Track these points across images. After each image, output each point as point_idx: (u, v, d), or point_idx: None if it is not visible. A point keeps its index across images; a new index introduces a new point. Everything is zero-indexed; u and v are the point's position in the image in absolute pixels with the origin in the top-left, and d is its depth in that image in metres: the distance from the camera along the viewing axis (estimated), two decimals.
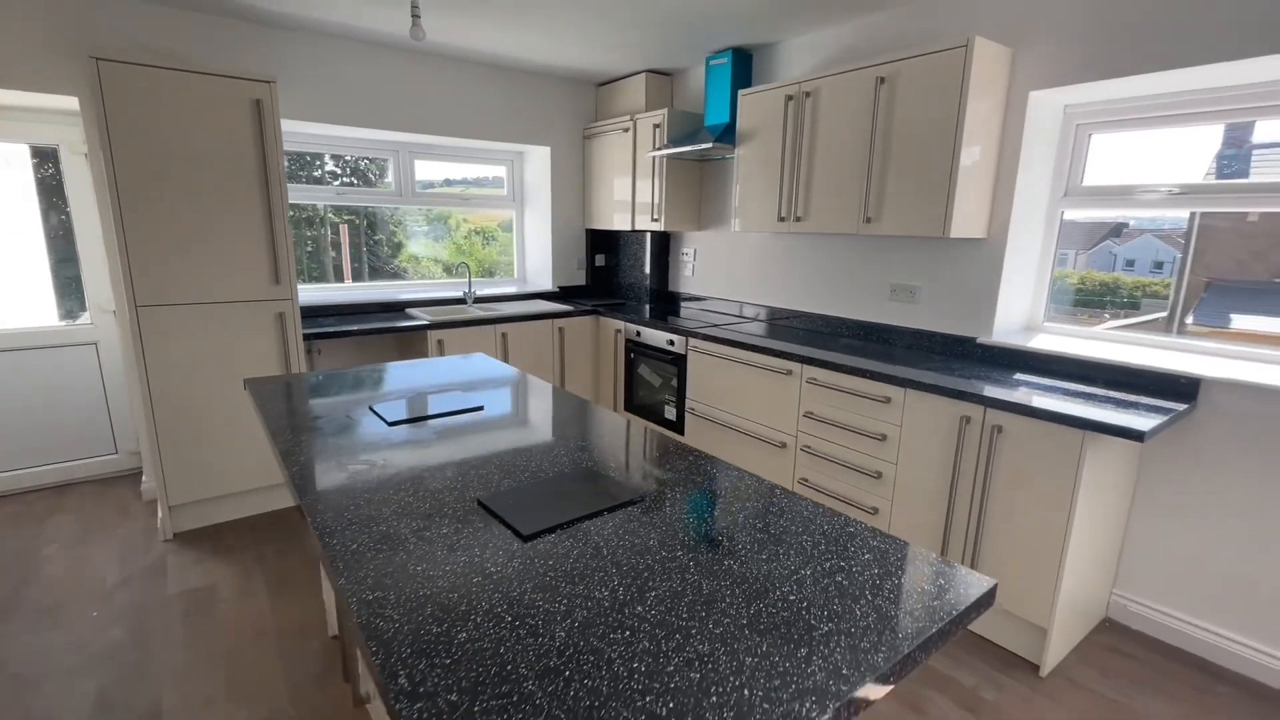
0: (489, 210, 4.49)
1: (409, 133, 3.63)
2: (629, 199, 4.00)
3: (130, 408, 3.34)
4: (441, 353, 3.41)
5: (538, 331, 3.78)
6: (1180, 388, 2.12)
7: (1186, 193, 2.27)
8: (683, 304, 4.19)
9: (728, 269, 3.84)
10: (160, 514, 2.76)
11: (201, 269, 2.66)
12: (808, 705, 0.71)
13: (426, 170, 4.11)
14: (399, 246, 4.16)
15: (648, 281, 4.28)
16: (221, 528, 2.89)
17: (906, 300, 2.89)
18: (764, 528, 1.13)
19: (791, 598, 0.92)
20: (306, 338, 3.00)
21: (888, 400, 2.38)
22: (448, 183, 4.24)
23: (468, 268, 4.11)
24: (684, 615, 0.87)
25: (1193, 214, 2.42)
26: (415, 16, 2.17)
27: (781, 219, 3.01)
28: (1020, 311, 2.69)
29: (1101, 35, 2.20)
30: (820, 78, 2.75)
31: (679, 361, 3.38)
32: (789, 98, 2.89)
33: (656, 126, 3.67)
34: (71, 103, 2.80)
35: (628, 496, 1.24)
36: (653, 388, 3.66)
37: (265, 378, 2.07)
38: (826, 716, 0.70)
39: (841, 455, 2.57)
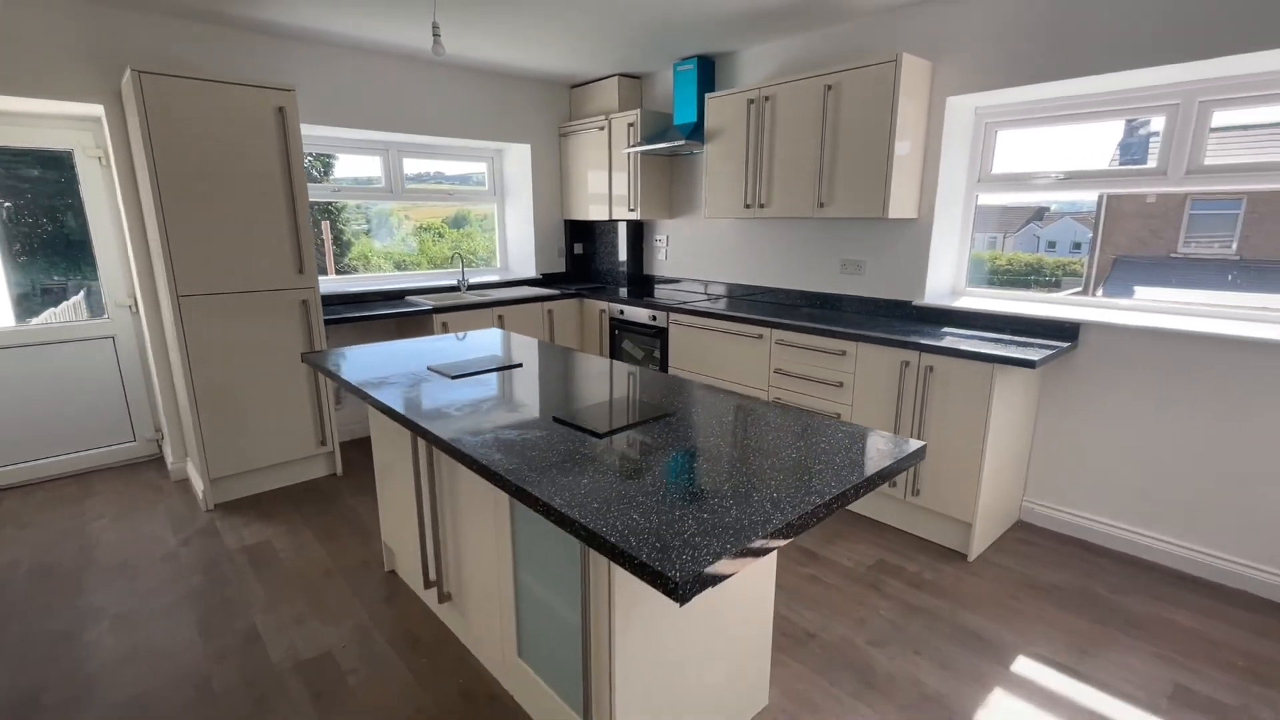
0: (472, 205, 4.81)
1: (400, 133, 3.93)
2: (605, 191, 4.41)
3: (156, 395, 3.55)
4: (446, 333, 3.75)
5: (529, 313, 4.16)
6: (1065, 331, 2.70)
7: (1073, 178, 2.85)
8: (657, 286, 4.63)
9: (697, 253, 4.30)
10: (201, 487, 3.03)
11: (234, 262, 2.94)
12: (811, 498, 1.17)
13: (412, 167, 4.40)
14: (348, 245, 4.35)
15: (625, 266, 4.70)
16: (259, 498, 3.17)
17: (854, 273, 3.42)
18: (766, 422, 1.59)
19: (794, 455, 1.38)
20: (327, 322, 3.30)
21: (844, 353, 2.89)
22: (422, 178, 4.54)
23: (461, 258, 4.44)
24: (728, 466, 1.31)
25: (1101, 197, 2.98)
26: (436, 36, 2.52)
27: (747, 206, 3.48)
28: (946, 278, 3.25)
29: (1004, 53, 2.75)
30: (777, 84, 3.22)
31: (661, 334, 3.83)
32: (750, 101, 3.36)
33: (630, 125, 4.09)
34: (84, 109, 3.02)
35: (663, 410, 1.67)
36: (635, 359, 4.09)
37: (318, 352, 2.40)
38: (821, 502, 1.16)
39: (807, 403, 3.08)
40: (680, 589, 0.91)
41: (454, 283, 4.37)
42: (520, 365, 2.20)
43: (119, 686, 1.90)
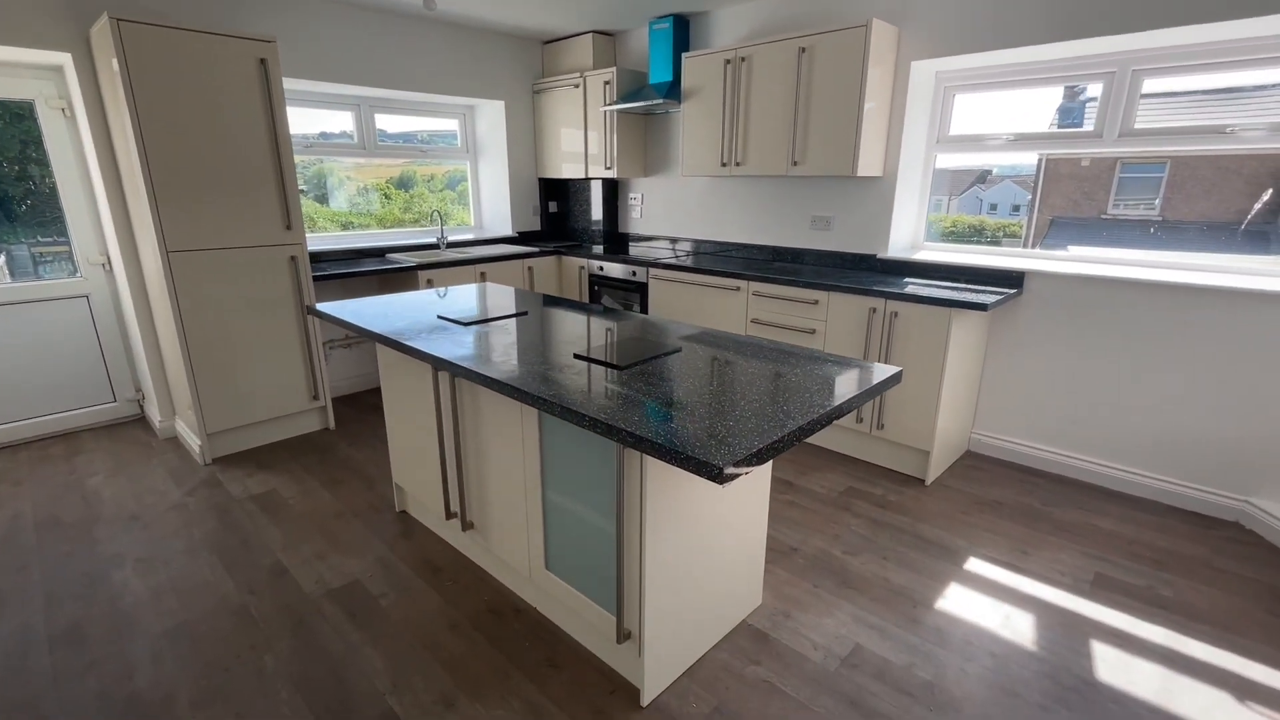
0: (444, 162, 4.80)
1: (372, 87, 3.89)
2: (581, 150, 4.48)
3: (137, 354, 3.52)
4: None
5: (511, 270, 4.25)
6: (1012, 279, 3.00)
7: (1021, 139, 3.12)
8: (632, 243, 4.77)
9: (672, 210, 4.45)
10: (197, 443, 3.08)
11: (222, 217, 2.94)
12: (815, 410, 1.39)
13: (382, 124, 4.36)
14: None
15: (600, 224, 4.81)
16: (255, 452, 3.24)
17: (823, 228, 3.65)
18: (757, 353, 1.80)
19: (796, 379, 1.59)
20: (314, 279, 3.34)
21: (816, 303, 3.13)
22: (389, 136, 4.51)
23: (440, 216, 4.47)
24: (738, 389, 1.52)
25: (1040, 160, 3.26)
26: None
27: (723, 164, 3.64)
28: (907, 234, 3.51)
29: (963, 20, 2.96)
30: (753, 45, 3.36)
31: (641, 289, 3.99)
32: (727, 61, 3.49)
33: (607, 83, 4.16)
34: (46, 56, 2.92)
35: (672, 347, 1.86)
36: (600, 307, 4.25)
37: (325, 304, 2.48)
38: (827, 410, 1.38)
39: None
40: (719, 473, 1.11)
41: (433, 240, 4.40)
42: (526, 313, 2.35)
43: (159, 618, 2.02)
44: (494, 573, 2.22)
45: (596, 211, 4.85)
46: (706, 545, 1.79)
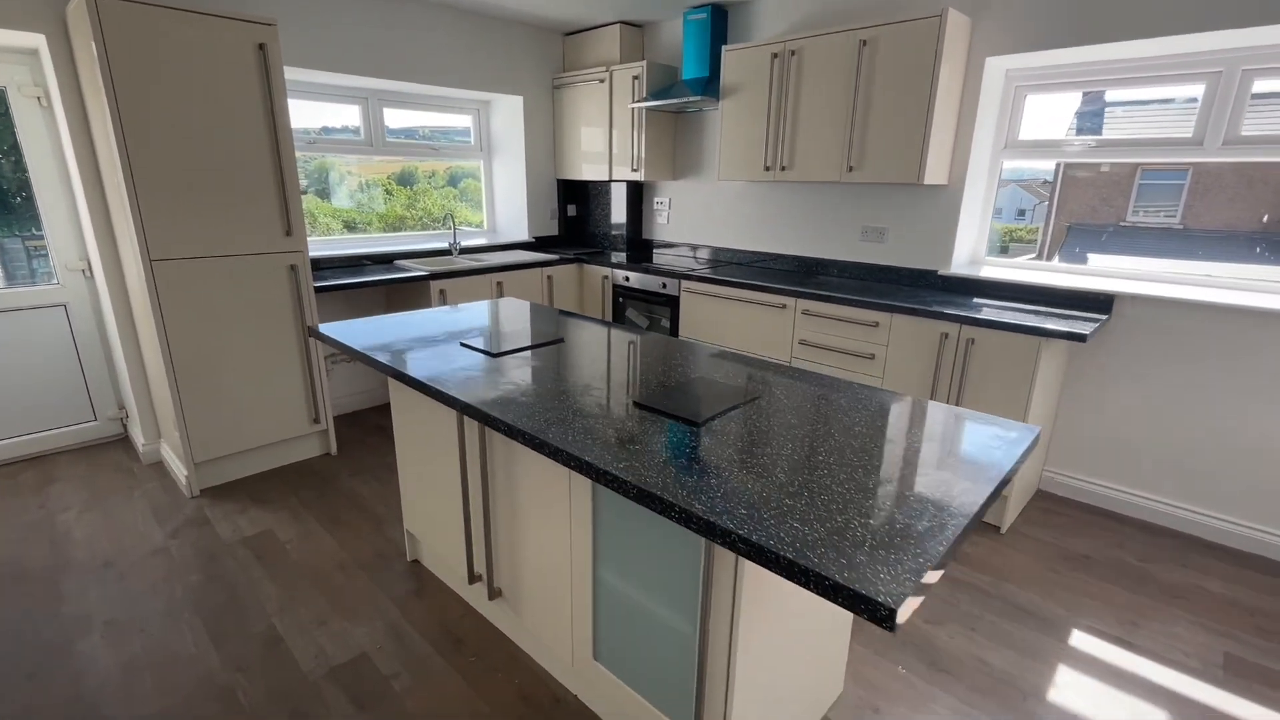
0: (456, 161, 4.47)
1: (380, 78, 3.56)
2: (605, 149, 4.16)
3: (119, 369, 3.19)
4: (444, 302, 3.50)
5: (529, 280, 3.93)
6: (1099, 303, 2.68)
7: (1104, 145, 2.79)
8: (656, 250, 4.45)
9: (702, 216, 4.13)
10: (184, 472, 2.75)
11: (213, 222, 2.61)
12: (966, 487, 1.07)
13: (391, 119, 4.03)
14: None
15: (623, 230, 4.49)
16: (248, 482, 2.91)
17: (875, 240, 3.32)
18: (855, 401, 1.47)
19: (916, 444, 1.27)
20: (317, 290, 3.01)
21: (876, 325, 2.81)
22: (398, 133, 4.18)
23: (453, 219, 4.14)
24: (851, 455, 1.20)
25: (1058, 165, 2.99)
26: None
27: (767, 169, 3.32)
28: (967, 248, 3.19)
29: (1047, 12, 2.63)
30: (805, 37, 3.04)
31: (671, 303, 3.67)
32: (774, 55, 3.16)
33: (635, 78, 3.83)
34: (19, 38, 2.59)
35: (749, 396, 1.54)
36: (641, 328, 3.93)
37: (330, 326, 2.15)
38: (985, 496, 1.06)
39: (833, 375, 2.99)
40: (892, 616, 0.79)
41: (445, 246, 4.08)
42: (561, 340, 2.02)
43: (128, 705, 1.70)
44: (527, 649, 1.90)
45: (618, 216, 4.53)
46: (796, 635, 1.47)
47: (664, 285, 3.69)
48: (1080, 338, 2.27)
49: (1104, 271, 2.88)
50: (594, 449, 1.22)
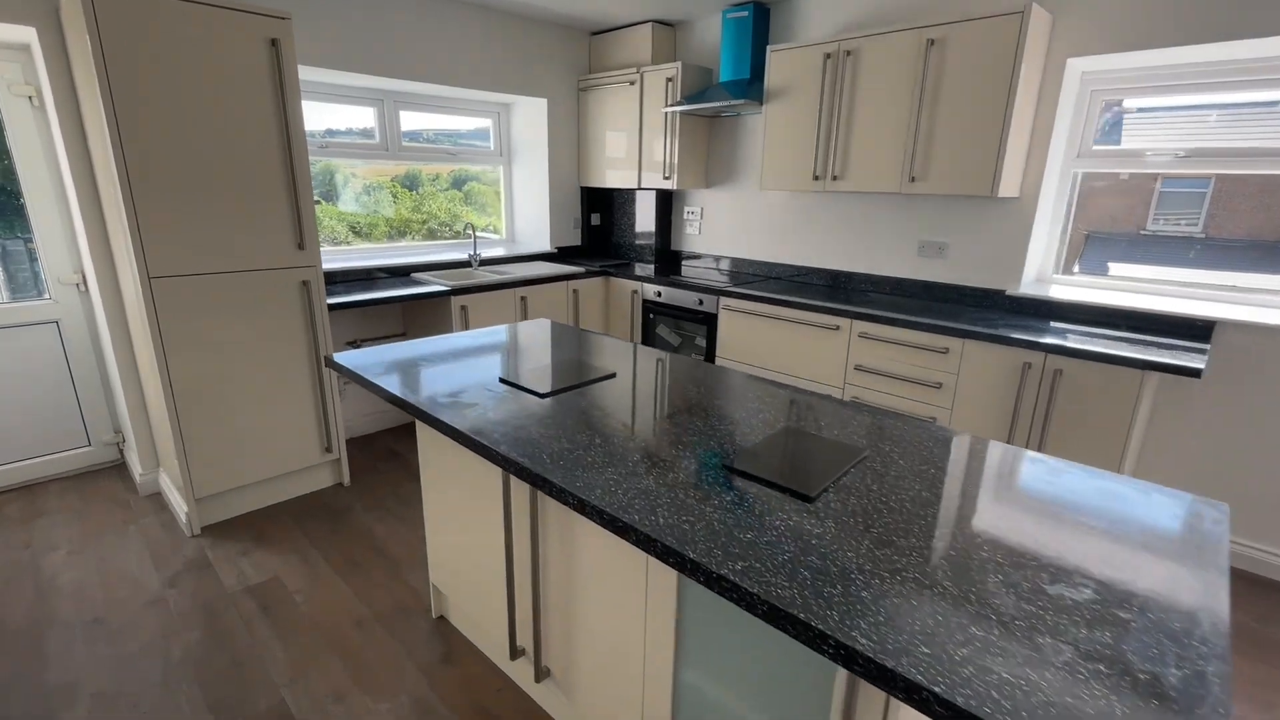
0: (475, 166, 4.24)
1: (398, 78, 3.32)
2: (634, 156, 3.92)
3: (116, 390, 2.95)
4: (465, 318, 3.25)
5: (553, 294, 3.68)
6: (1196, 330, 2.42)
7: (1195, 155, 2.54)
8: (685, 262, 4.20)
9: (737, 227, 3.88)
10: (185, 508, 2.51)
11: (218, 235, 2.37)
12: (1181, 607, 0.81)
13: (407, 122, 3.79)
14: None
15: (652, 240, 4.24)
16: (254, 517, 2.66)
17: (934, 256, 3.07)
18: (976, 465, 1.22)
19: (1082, 523, 1.02)
20: (331, 309, 2.77)
21: (945, 351, 2.55)
22: (413, 135, 3.94)
23: (473, 229, 3.89)
24: (1005, 534, 0.95)
25: (1075, 174, 2.77)
26: None
27: (816, 178, 3.07)
28: (1035, 265, 2.94)
29: (1138, 9, 2.39)
30: (861, 36, 2.79)
31: (708, 321, 3.42)
32: (827, 55, 2.92)
33: (670, 80, 3.59)
34: (9, 32, 2.37)
35: (855, 454, 1.29)
36: (672, 347, 3.69)
37: (347, 355, 1.91)
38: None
39: (895, 404, 2.75)
40: None
41: (463, 257, 3.83)
42: (614, 375, 1.78)
43: None
44: None
45: (642, 225, 4.28)
46: None
47: (700, 302, 3.44)
48: (1193, 372, 2.01)
49: (1200, 293, 2.62)
50: (697, 539, 0.97)
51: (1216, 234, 2.62)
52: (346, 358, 1.86)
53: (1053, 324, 2.61)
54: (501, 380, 1.71)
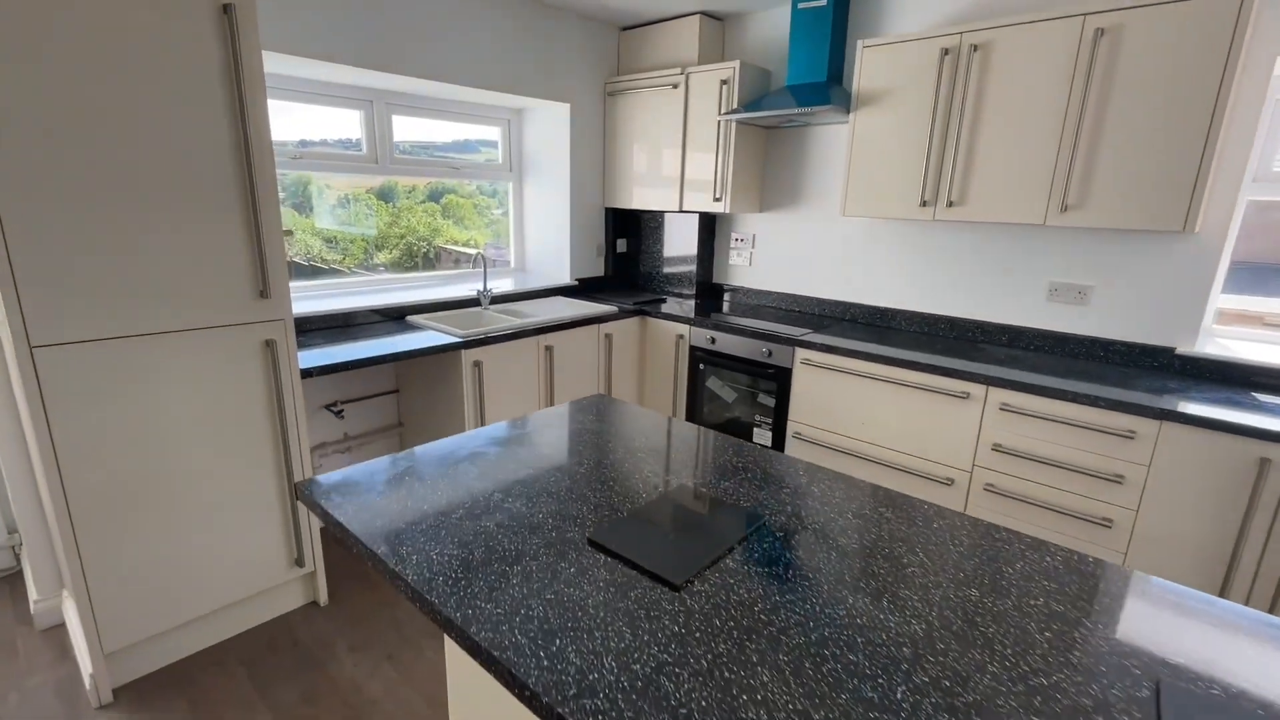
0: (480, 181, 3.56)
1: (388, 73, 2.64)
2: (675, 173, 3.28)
3: (4, 482, 2.19)
4: (479, 376, 2.55)
5: (583, 340, 3.01)
6: None
7: None
8: (730, 297, 3.57)
9: (801, 259, 3.26)
10: (91, 669, 1.75)
11: (144, 279, 1.65)
12: None
13: (401, 130, 3.10)
14: None
15: (691, 271, 3.60)
16: (190, 666, 1.92)
17: (1073, 302, 2.47)
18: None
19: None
20: (305, 373, 2.05)
21: (1132, 434, 1.93)
22: (412, 148, 3.25)
23: (483, 259, 3.19)
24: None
25: (1246, 202, 2.22)
26: None
27: (924, 204, 2.46)
28: (1211, 315, 2.36)
29: None
30: (995, 27, 2.20)
31: (779, 377, 2.77)
32: (946, 51, 2.32)
33: (724, 83, 2.97)
34: None
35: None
36: (725, 404, 3.03)
37: (317, 479, 1.22)
38: None
39: (1047, 497, 2.12)
40: None
41: (469, 293, 3.13)
42: (762, 520, 1.11)
43: None
44: None
45: (675, 252, 3.64)
46: None
47: (769, 353, 2.79)
48: None
49: None
50: None
51: None
52: (332, 483, 1.16)
53: (1255, 396, 2.01)
54: (592, 544, 1.04)
